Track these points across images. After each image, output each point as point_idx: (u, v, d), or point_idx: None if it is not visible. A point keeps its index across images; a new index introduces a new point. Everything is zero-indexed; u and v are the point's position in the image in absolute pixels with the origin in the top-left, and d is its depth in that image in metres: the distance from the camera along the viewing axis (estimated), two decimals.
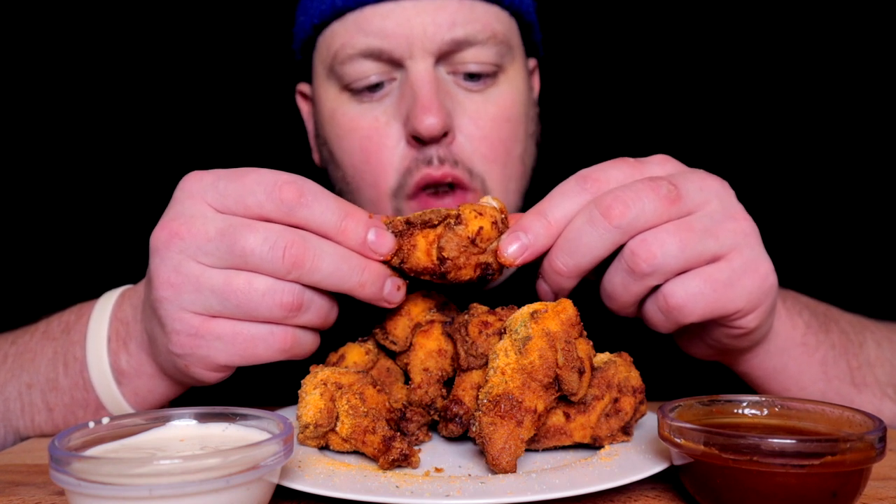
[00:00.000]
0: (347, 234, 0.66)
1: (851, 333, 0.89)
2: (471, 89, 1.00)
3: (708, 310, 0.67)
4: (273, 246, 0.64)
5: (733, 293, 0.67)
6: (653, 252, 0.65)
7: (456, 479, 0.59)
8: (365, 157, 1.00)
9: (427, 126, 0.93)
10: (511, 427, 0.60)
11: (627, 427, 0.69)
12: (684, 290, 0.67)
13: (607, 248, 0.66)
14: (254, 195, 0.65)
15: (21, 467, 0.70)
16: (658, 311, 0.69)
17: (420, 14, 0.96)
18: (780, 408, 0.63)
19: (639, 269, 0.66)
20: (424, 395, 0.71)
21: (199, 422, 0.60)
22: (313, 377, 0.67)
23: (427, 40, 0.96)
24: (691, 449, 0.55)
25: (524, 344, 0.62)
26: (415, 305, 0.77)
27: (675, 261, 0.65)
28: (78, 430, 0.55)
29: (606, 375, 0.68)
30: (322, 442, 0.67)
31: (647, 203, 0.65)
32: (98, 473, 0.47)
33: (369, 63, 0.98)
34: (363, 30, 0.97)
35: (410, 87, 0.96)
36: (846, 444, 0.51)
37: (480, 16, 0.99)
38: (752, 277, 0.68)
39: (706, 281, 0.67)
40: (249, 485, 0.50)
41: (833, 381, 0.86)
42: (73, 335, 0.82)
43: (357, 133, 1.00)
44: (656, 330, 0.72)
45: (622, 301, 0.69)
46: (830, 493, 0.52)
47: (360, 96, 1.00)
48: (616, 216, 0.65)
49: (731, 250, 0.67)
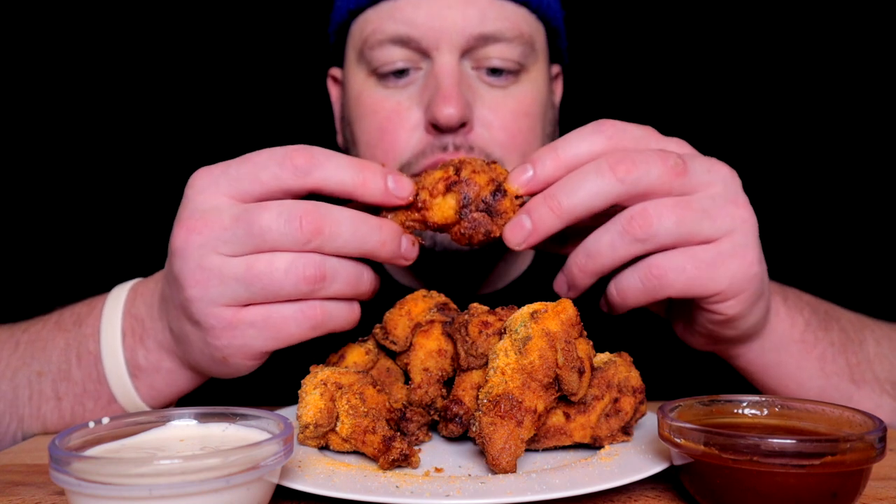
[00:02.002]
0: (367, 185, 0.67)
1: (851, 331, 0.90)
2: (493, 84, 1.03)
3: (686, 286, 0.68)
4: (288, 218, 0.64)
5: (715, 274, 0.68)
6: (650, 220, 0.66)
7: (456, 479, 0.59)
8: (381, 136, 1.03)
9: (446, 115, 0.96)
10: (511, 427, 0.60)
11: (627, 427, 0.69)
12: (668, 262, 0.68)
13: (605, 199, 0.67)
14: (267, 169, 0.65)
15: (21, 467, 0.70)
16: (637, 280, 0.69)
17: (451, 8, 1.00)
18: (780, 408, 0.63)
19: (633, 232, 0.67)
20: (424, 395, 0.71)
21: (199, 422, 0.60)
22: (313, 377, 0.67)
23: (455, 34, 0.99)
24: (691, 449, 0.55)
25: (524, 344, 0.62)
26: (415, 305, 0.77)
27: (669, 234, 0.67)
28: (78, 430, 0.55)
29: (606, 375, 0.68)
30: (322, 442, 0.67)
31: (653, 168, 0.67)
32: (98, 473, 0.47)
33: (397, 49, 1.01)
34: (394, 18, 1.01)
35: (434, 78, 1.00)
36: (846, 444, 0.51)
37: (509, 14, 1.02)
38: (738, 263, 0.69)
39: (691, 258, 0.68)
40: (249, 485, 0.50)
41: (832, 377, 0.86)
42: (85, 328, 0.83)
43: (378, 115, 1.04)
44: (623, 302, 0.72)
45: (602, 261, 0.69)
46: (830, 494, 0.52)
47: (385, 81, 1.04)
48: (622, 171, 0.66)
49: (724, 235, 0.68)
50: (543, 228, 0.68)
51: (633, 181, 0.66)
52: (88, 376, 0.81)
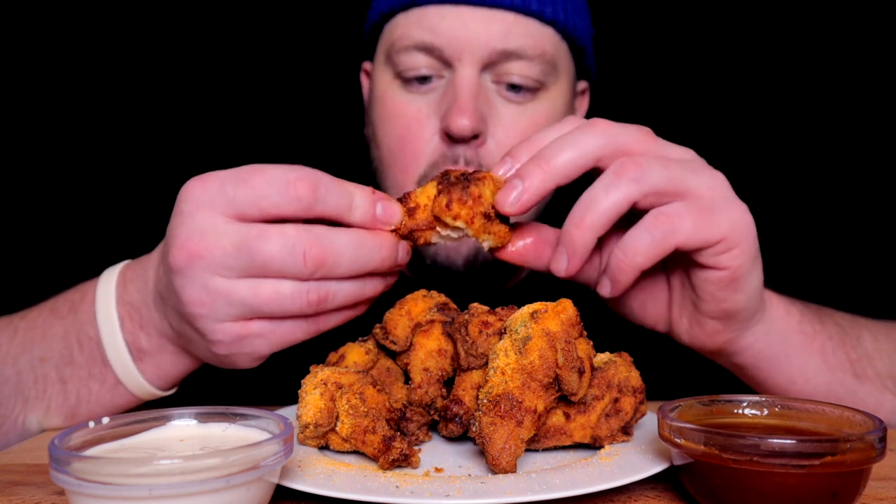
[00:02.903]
0: (356, 213, 0.69)
1: (847, 327, 0.90)
2: (510, 100, 1.05)
3: (693, 231, 0.69)
4: (292, 251, 0.65)
5: (716, 219, 0.70)
6: (640, 163, 0.68)
7: (456, 479, 0.59)
8: (402, 144, 1.07)
9: (458, 126, 0.99)
10: (511, 427, 0.60)
11: (627, 427, 0.69)
12: (671, 210, 0.69)
13: (590, 155, 0.70)
14: (268, 198, 0.65)
15: (21, 467, 0.70)
16: (644, 232, 0.69)
17: (477, 22, 1.02)
18: (780, 408, 0.63)
19: (625, 173, 0.68)
20: (424, 395, 0.71)
21: (199, 422, 0.60)
22: (313, 377, 0.67)
23: (478, 47, 1.02)
24: (691, 449, 0.55)
25: (524, 344, 0.62)
26: (415, 305, 0.77)
27: (660, 176, 0.69)
28: (78, 430, 0.55)
29: (606, 375, 0.68)
30: (322, 442, 0.67)
31: (629, 129, 0.71)
32: (98, 473, 0.47)
33: (421, 56, 1.04)
34: (421, 25, 1.04)
35: (453, 88, 1.02)
36: (846, 444, 0.51)
37: (533, 33, 1.04)
38: (734, 209, 0.71)
39: (692, 205, 0.69)
40: (249, 485, 0.50)
41: (836, 371, 0.86)
42: (80, 314, 0.83)
43: (400, 120, 1.07)
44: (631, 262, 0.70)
45: (599, 208, 0.68)
46: (830, 494, 0.52)
47: (409, 86, 1.07)
48: (601, 126, 0.70)
49: (708, 189, 0.70)
50: (534, 187, 0.69)
51: (614, 135, 0.70)
52: (93, 360, 0.82)
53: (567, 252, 0.70)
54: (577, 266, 0.71)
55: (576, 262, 0.71)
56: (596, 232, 0.69)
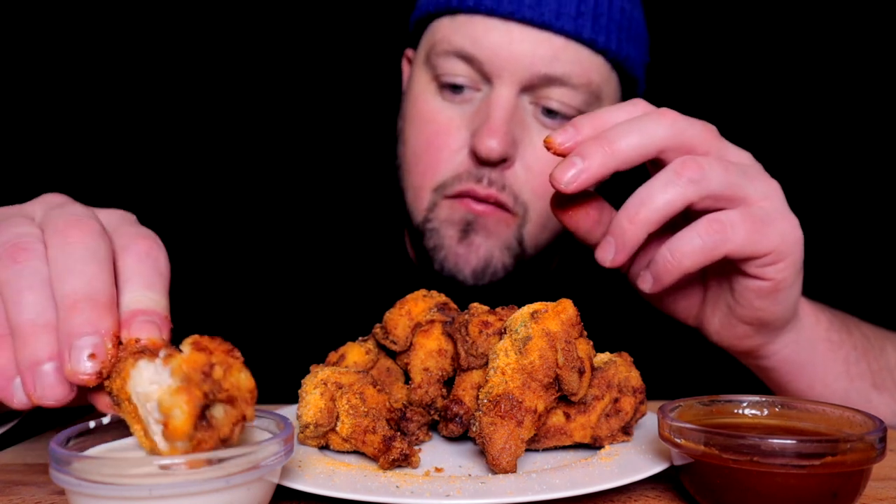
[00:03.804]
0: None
1: (872, 338, 0.90)
2: (546, 125, 1.01)
3: (745, 242, 0.68)
4: None
5: (768, 232, 0.69)
6: (701, 165, 0.67)
7: (456, 479, 0.59)
8: (427, 147, 1.03)
9: (487, 148, 0.96)
10: (511, 427, 0.60)
11: (627, 427, 0.69)
12: (726, 217, 0.68)
13: (656, 144, 0.68)
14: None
15: (21, 467, 0.70)
16: (696, 236, 0.68)
17: (523, 41, 0.98)
18: (780, 408, 0.63)
19: (686, 173, 0.67)
20: (424, 394, 0.71)
21: None
22: (313, 377, 0.67)
23: (521, 68, 0.98)
24: (691, 449, 0.55)
25: (524, 344, 0.62)
26: (415, 305, 0.77)
27: (719, 181, 0.67)
28: (78, 429, 0.55)
29: (606, 375, 0.68)
30: (322, 442, 0.67)
31: (695, 123, 0.70)
32: (98, 473, 0.47)
33: (461, 64, 1.01)
34: (465, 32, 1.00)
35: (487, 106, 0.99)
36: (846, 444, 0.51)
37: (582, 60, 1.00)
38: (786, 223, 0.70)
39: (747, 215, 0.68)
40: (250, 485, 0.50)
41: (855, 380, 0.86)
42: None
43: (431, 125, 1.04)
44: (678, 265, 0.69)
45: (655, 205, 0.67)
46: (831, 494, 0.52)
47: (443, 92, 1.03)
48: (670, 116, 0.68)
49: (764, 198, 0.70)
50: (594, 167, 0.66)
51: (682, 128, 0.68)
52: None
53: (616, 244, 0.69)
54: (623, 260, 0.70)
55: (622, 256, 0.69)
56: (648, 228, 0.68)
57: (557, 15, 0.97)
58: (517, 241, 1.04)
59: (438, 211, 1.04)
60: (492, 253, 1.03)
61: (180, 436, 0.46)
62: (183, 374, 0.46)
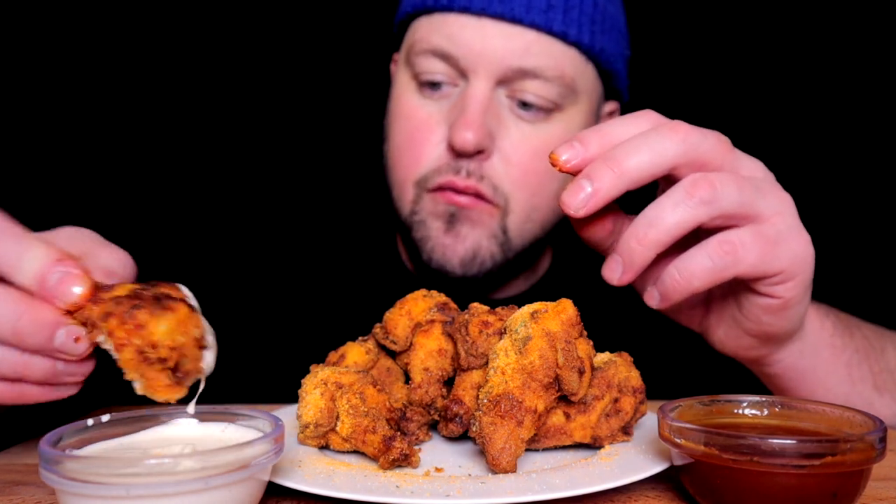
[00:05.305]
0: (22, 274, 0.58)
1: (873, 339, 0.90)
2: (522, 117, 1.03)
3: (756, 262, 0.67)
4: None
5: (779, 252, 0.68)
6: (713, 183, 0.65)
7: (456, 479, 0.59)
8: (409, 143, 1.06)
9: (461, 140, 0.98)
10: (511, 427, 0.60)
11: (627, 427, 0.69)
12: (737, 237, 0.66)
13: (666, 161, 0.66)
14: None
15: (21, 467, 0.70)
16: (706, 257, 0.66)
17: (496, 36, 1.00)
18: (780, 408, 0.63)
19: (697, 193, 0.65)
20: (424, 394, 0.71)
21: (199, 421, 0.60)
22: (313, 377, 0.67)
23: (494, 61, 1.00)
24: (691, 449, 0.55)
25: (524, 344, 0.62)
26: (415, 305, 0.77)
27: (731, 200, 0.65)
28: (74, 429, 0.55)
29: (606, 375, 0.68)
30: (322, 442, 0.67)
31: (708, 137, 0.67)
32: (84, 473, 0.47)
33: (438, 62, 1.03)
34: (441, 31, 1.02)
35: (463, 100, 1.01)
36: (846, 444, 0.51)
37: (555, 53, 1.01)
38: (797, 242, 0.69)
39: (759, 234, 0.67)
40: (231, 486, 0.49)
41: (857, 384, 0.86)
42: None
43: (412, 121, 1.06)
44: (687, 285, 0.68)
45: (665, 226, 0.65)
46: (831, 494, 0.52)
47: (423, 90, 1.06)
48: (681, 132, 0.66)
49: (776, 214, 0.68)
50: (604, 190, 0.65)
51: (694, 143, 0.66)
52: None
53: (623, 263, 0.67)
54: (630, 279, 0.68)
55: (629, 276, 0.68)
56: (657, 249, 0.66)
57: (528, 9, 0.99)
58: (502, 231, 1.05)
59: (423, 204, 1.06)
60: (479, 243, 1.05)
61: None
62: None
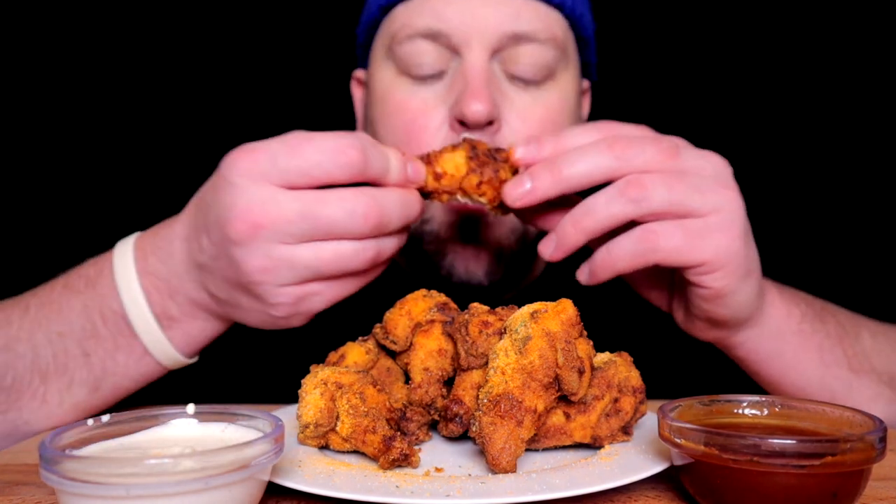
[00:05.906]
0: (392, 175, 0.75)
1: (847, 325, 0.91)
2: (520, 87, 1.02)
3: (673, 252, 0.73)
4: (352, 214, 0.70)
5: (701, 244, 0.73)
6: (644, 184, 0.72)
7: (456, 479, 0.59)
8: (408, 137, 1.02)
9: (473, 111, 0.95)
10: (511, 427, 0.60)
11: (627, 427, 0.69)
12: (660, 228, 0.73)
13: (602, 173, 0.73)
14: (320, 166, 0.69)
15: (21, 467, 0.70)
16: (629, 243, 0.74)
17: (484, 5, 0.98)
18: (780, 408, 0.63)
19: (628, 193, 0.72)
20: (424, 394, 0.71)
21: (199, 421, 0.60)
22: (313, 377, 0.67)
23: (487, 31, 0.98)
24: (691, 449, 0.55)
25: (524, 344, 0.62)
26: (415, 305, 0.77)
27: (661, 200, 0.72)
28: (74, 429, 0.55)
29: (606, 375, 0.68)
30: (322, 442, 0.67)
31: (648, 148, 0.73)
32: (84, 473, 0.47)
33: (426, 44, 0.99)
34: (424, 12, 1.00)
35: (462, 76, 0.98)
36: (846, 444, 0.51)
37: (543, 17, 1.01)
38: (723, 236, 0.73)
39: (680, 227, 0.73)
40: (231, 486, 0.49)
41: (831, 367, 0.87)
42: (99, 288, 0.83)
43: (404, 115, 1.02)
44: (612, 264, 0.76)
45: (597, 217, 0.74)
46: (831, 494, 0.52)
47: (413, 78, 1.02)
48: (619, 148, 0.73)
49: (712, 211, 0.73)
50: (541, 190, 0.75)
51: (628, 158, 0.73)
52: (119, 332, 0.82)
53: (557, 241, 0.77)
54: (560, 258, 0.78)
55: (560, 254, 0.77)
56: (588, 236, 0.75)
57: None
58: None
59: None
60: (500, 243, 1.04)
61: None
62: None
